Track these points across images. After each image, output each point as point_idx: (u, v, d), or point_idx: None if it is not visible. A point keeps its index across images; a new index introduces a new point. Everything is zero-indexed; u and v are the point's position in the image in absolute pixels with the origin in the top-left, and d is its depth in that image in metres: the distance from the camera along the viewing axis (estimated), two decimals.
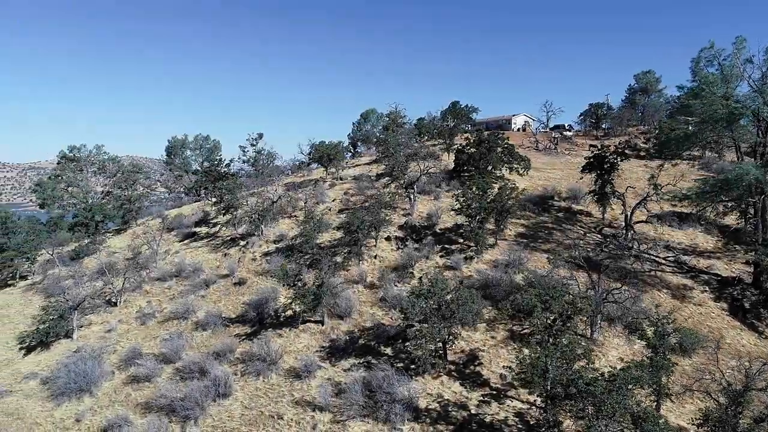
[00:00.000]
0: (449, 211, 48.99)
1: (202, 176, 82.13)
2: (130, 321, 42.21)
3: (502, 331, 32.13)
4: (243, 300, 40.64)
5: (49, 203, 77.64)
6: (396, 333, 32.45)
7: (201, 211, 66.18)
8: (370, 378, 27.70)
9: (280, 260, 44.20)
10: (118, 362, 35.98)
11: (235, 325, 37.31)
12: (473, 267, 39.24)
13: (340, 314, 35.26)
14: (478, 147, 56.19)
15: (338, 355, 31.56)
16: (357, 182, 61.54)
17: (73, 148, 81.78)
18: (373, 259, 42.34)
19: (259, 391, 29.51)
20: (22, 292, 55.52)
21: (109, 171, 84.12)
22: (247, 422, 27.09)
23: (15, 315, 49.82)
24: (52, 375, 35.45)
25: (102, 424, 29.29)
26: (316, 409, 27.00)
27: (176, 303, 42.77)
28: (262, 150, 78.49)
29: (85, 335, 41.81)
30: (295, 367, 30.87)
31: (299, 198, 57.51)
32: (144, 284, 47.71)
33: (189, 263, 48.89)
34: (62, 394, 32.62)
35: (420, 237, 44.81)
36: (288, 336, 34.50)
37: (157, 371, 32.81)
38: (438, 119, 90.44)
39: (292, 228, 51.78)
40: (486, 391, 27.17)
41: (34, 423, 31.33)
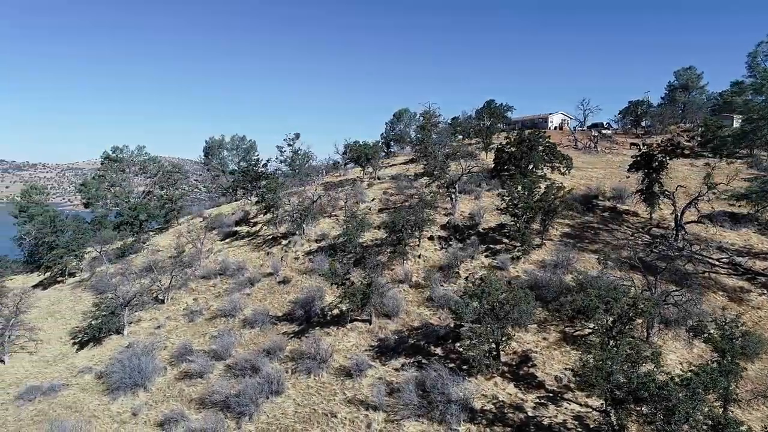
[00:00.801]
0: (492, 211, 48.53)
1: (239, 176, 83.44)
2: (178, 318, 43.02)
3: (554, 332, 31.59)
4: (288, 298, 41.00)
5: (93, 203, 79.85)
6: (445, 333, 32.23)
7: (241, 211, 67.08)
8: (423, 378, 27.57)
9: (323, 259, 44.46)
10: (169, 358, 36.71)
11: (283, 323, 37.64)
12: (520, 267, 38.73)
13: (388, 313, 35.21)
14: (518, 146, 55.47)
15: (388, 354, 31.51)
16: (395, 182, 61.49)
17: (116, 149, 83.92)
18: (417, 259, 42.19)
19: (310, 389, 29.68)
20: (72, 288, 57.20)
21: (150, 171, 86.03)
22: (300, 419, 27.27)
23: (66, 311, 51.37)
24: (107, 370, 36.42)
25: (158, 419, 29.93)
26: (369, 408, 27.00)
27: (222, 301, 43.44)
28: (298, 150, 79.09)
29: (135, 331, 42.80)
30: (345, 366, 30.96)
31: (339, 197, 57.70)
32: (189, 282, 48.59)
33: (233, 262, 49.60)
34: (118, 388, 33.45)
35: (463, 237, 44.45)
36: (336, 335, 34.62)
37: (209, 368, 33.33)
38: (472, 118, 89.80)
39: (333, 227, 52.04)
40: (542, 393, 26.74)
41: (92, 416, 32.19)
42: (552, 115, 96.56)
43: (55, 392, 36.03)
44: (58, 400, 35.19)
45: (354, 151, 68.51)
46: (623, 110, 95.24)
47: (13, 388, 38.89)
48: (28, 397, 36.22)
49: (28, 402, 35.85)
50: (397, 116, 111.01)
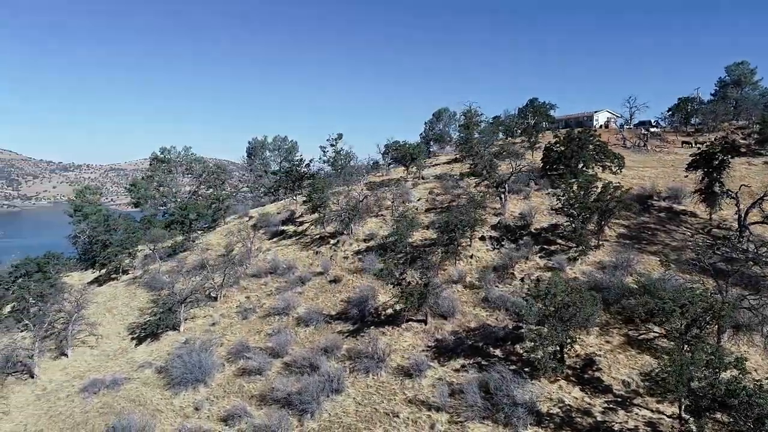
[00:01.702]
0: (543, 211, 47.75)
1: (282, 176, 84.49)
2: (232, 315, 43.78)
3: (617, 335, 30.79)
4: (341, 297, 41.23)
5: (143, 202, 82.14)
6: (505, 335, 31.79)
7: (286, 210, 67.87)
8: (485, 379, 27.26)
9: (373, 259, 44.55)
10: (226, 355, 37.36)
11: (337, 322, 37.85)
12: (578, 268, 37.95)
13: (443, 314, 35.00)
14: (568, 145, 54.43)
15: (446, 355, 31.31)
16: (441, 182, 61.16)
17: (164, 150, 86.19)
18: (469, 259, 41.84)
19: (370, 389, 29.73)
20: (126, 285, 58.91)
21: (195, 171, 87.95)
22: (362, 419, 27.33)
23: (122, 307, 52.94)
24: (167, 365, 37.33)
25: (221, 414, 30.49)
26: (431, 408, 26.87)
27: (274, 299, 44.01)
28: (341, 150, 79.54)
29: (191, 328, 43.77)
30: (403, 366, 30.91)
31: (385, 197, 57.73)
32: (240, 280, 49.39)
33: (282, 261, 50.21)
34: (179, 383, 34.22)
35: (515, 237, 43.83)
36: (391, 334, 34.60)
37: (267, 365, 33.76)
38: (515, 117, 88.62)
39: (381, 227, 52.10)
40: (609, 397, 26.08)
41: (156, 410, 33.05)
42: (597, 113, 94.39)
43: (118, 386, 37.18)
44: (121, 394, 36.29)
45: (398, 151, 68.44)
46: (672, 107, 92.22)
47: (77, 380, 40.35)
48: (93, 389, 37.49)
49: (92, 394, 37.11)
50: (436, 116, 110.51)
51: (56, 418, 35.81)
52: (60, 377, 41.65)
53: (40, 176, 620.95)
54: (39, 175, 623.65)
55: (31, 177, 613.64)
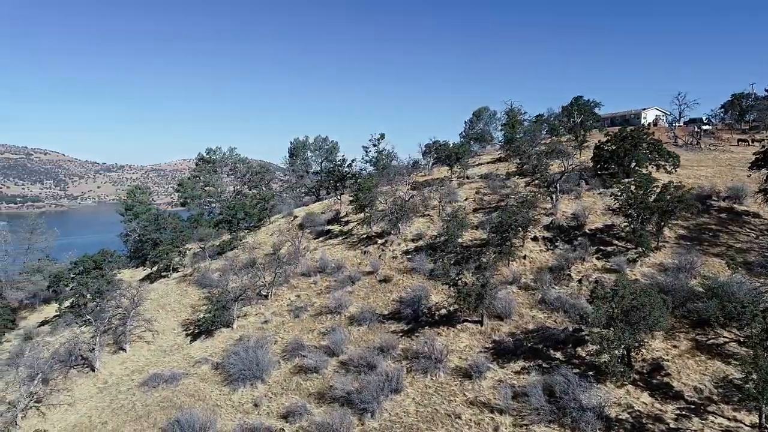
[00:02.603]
0: (596, 211, 46.71)
1: (324, 176, 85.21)
2: (283, 313, 44.29)
3: (684, 340, 29.75)
4: (392, 297, 41.20)
5: (189, 201, 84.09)
6: (565, 337, 31.14)
7: (330, 210, 68.35)
8: (550, 382, 26.74)
9: (423, 259, 44.41)
10: (281, 352, 37.81)
11: (390, 322, 37.83)
12: (638, 270, 36.88)
13: (499, 315, 34.56)
14: (620, 143, 53.07)
15: (505, 356, 30.88)
16: (487, 181, 60.49)
17: (210, 150, 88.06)
18: (522, 260, 41.20)
19: (429, 389, 29.57)
20: (177, 283, 60.36)
21: (239, 171, 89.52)
22: (423, 419, 27.20)
23: (174, 304, 54.27)
24: (223, 361, 38.02)
25: (280, 411, 30.83)
26: (494, 411, 26.52)
27: (324, 298, 44.35)
28: (383, 150, 79.65)
29: (243, 325, 44.51)
30: (461, 367, 30.66)
31: (431, 197, 57.48)
32: (290, 279, 49.94)
33: (331, 260, 50.52)
34: (237, 379, 34.80)
35: (569, 237, 42.94)
36: (447, 335, 34.36)
37: (323, 363, 33.97)
38: (559, 116, 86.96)
39: (429, 227, 51.88)
40: (681, 404, 25.19)
41: (215, 405, 33.69)
42: (646, 111, 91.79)
43: (177, 381, 38.09)
44: (180, 389, 37.17)
45: (442, 150, 68.08)
46: (725, 104, 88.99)
47: (136, 374, 41.57)
48: (152, 384, 38.53)
49: (152, 389, 38.13)
50: (476, 115, 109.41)
51: (119, 410, 36.94)
52: (119, 371, 42.98)
53: (85, 176, 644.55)
54: (84, 175, 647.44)
55: (77, 177, 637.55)
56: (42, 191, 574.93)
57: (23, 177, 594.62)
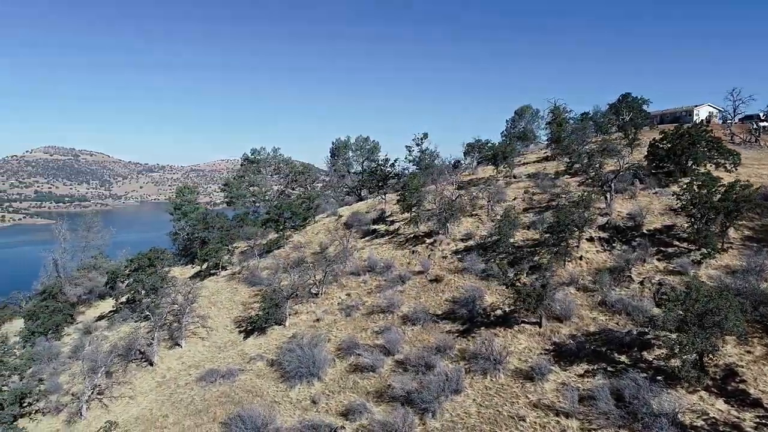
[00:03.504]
0: (654, 211, 45.35)
1: (366, 176, 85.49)
2: (335, 312, 44.59)
3: (759, 345, 28.49)
4: (444, 297, 40.97)
5: (235, 201, 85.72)
6: (630, 340, 30.30)
7: (375, 210, 68.49)
8: (618, 386, 26.03)
9: (474, 259, 44.01)
10: (335, 350, 38.09)
11: (444, 322, 37.60)
12: (703, 272, 35.56)
13: (558, 316, 33.91)
14: (678, 141, 51.37)
15: (567, 359, 30.25)
16: (535, 180, 59.52)
17: (255, 151, 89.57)
18: (578, 261, 40.32)
19: (489, 390, 29.24)
20: (226, 280, 61.59)
21: (283, 171, 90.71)
22: (486, 420, 26.90)
23: (225, 301, 55.37)
24: (278, 358, 38.55)
25: (339, 408, 31.04)
26: (559, 414, 25.99)
27: (375, 297, 44.47)
28: (426, 149, 79.40)
29: (295, 323, 45.04)
30: (521, 369, 30.21)
31: (479, 196, 56.92)
32: (339, 278, 50.26)
33: (380, 259, 50.61)
34: (293, 376, 35.22)
35: (626, 238, 41.80)
36: (504, 336, 33.92)
37: (379, 362, 34.01)
38: (606, 113, 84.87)
39: (478, 227, 51.40)
40: (760, 412, 24.12)
41: (273, 401, 34.17)
42: (698, 108, 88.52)
43: (234, 376, 38.82)
44: (237, 384, 37.87)
45: (488, 149, 67.34)
46: None
47: (193, 369, 42.58)
48: (210, 379, 39.37)
49: (209, 384, 38.97)
50: (518, 113, 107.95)
51: (178, 404, 37.90)
52: (177, 366, 44.12)
53: (128, 177, 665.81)
54: (128, 175, 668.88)
55: (121, 177, 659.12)
56: (88, 191, 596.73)
57: (71, 177, 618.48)
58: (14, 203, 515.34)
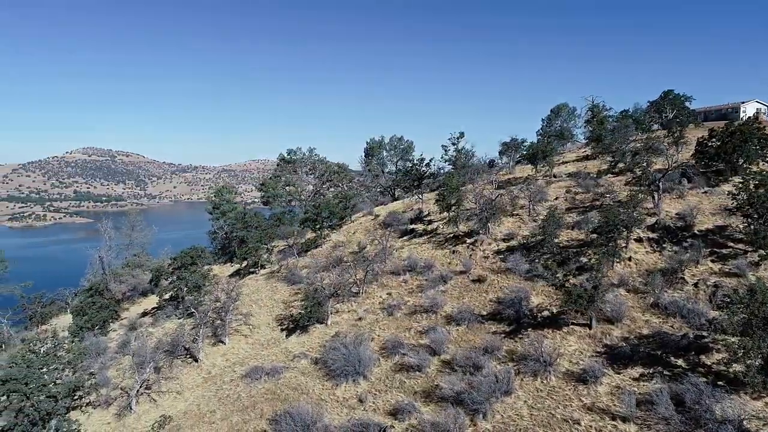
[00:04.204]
0: (704, 211, 44.00)
1: (402, 176, 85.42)
2: (376, 311, 44.63)
3: None
4: (489, 297, 40.56)
5: (272, 200, 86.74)
6: (687, 344, 29.40)
7: (412, 209, 68.34)
8: (677, 390, 25.30)
9: (518, 259, 43.45)
10: (379, 350, 38.08)
11: (490, 323, 37.22)
12: (762, 274, 34.27)
13: (609, 318, 33.16)
14: (728, 139, 49.72)
15: (620, 362, 29.52)
16: (576, 180, 58.45)
17: (291, 151, 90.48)
18: (627, 262, 39.38)
19: (540, 392, 28.78)
20: (265, 279, 62.35)
21: (318, 171, 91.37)
22: (539, 423, 26.47)
23: (266, 299, 56.02)
24: (323, 356, 38.77)
25: (387, 408, 30.99)
26: (616, 418, 25.38)
27: (417, 296, 44.35)
28: (462, 149, 78.87)
29: (337, 322, 45.24)
30: (572, 371, 29.64)
31: (519, 196, 56.22)
32: (379, 277, 50.30)
33: (420, 259, 50.46)
34: (339, 375, 35.33)
35: (677, 239, 40.65)
36: (553, 337, 33.34)
37: (425, 362, 33.85)
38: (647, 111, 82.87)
39: (520, 227, 50.74)
40: None
41: (320, 399, 34.37)
42: (745, 104, 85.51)
43: (278, 374, 39.23)
44: (282, 382, 38.24)
45: (527, 148, 66.47)
46: None
47: (238, 366, 43.21)
48: (255, 376, 39.86)
49: (255, 380, 39.46)
50: (554, 112, 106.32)
51: (225, 400, 38.51)
52: (221, 362, 44.85)
53: (162, 177, 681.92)
54: (162, 176, 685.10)
55: (156, 178, 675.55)
56: (124, 191, 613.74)
57: (108, 177, 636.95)
58: (55, 202, 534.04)
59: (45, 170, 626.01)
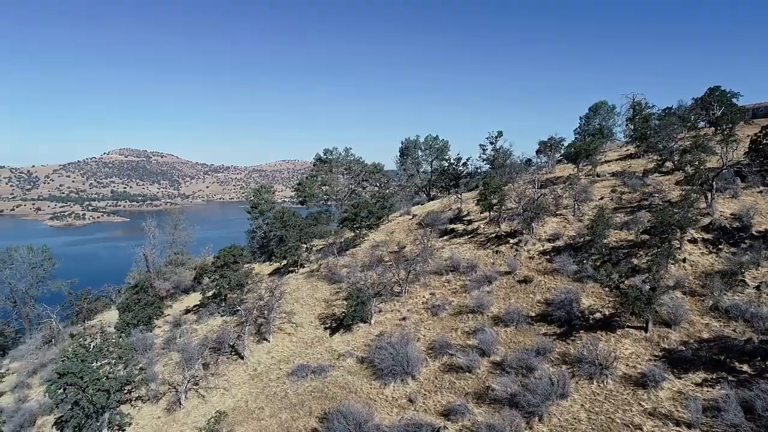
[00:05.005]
0: (762, 211, 42.41)
1: (439, 175, 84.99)
2: (420, 311, 44.46)
3: None
4: (536, 299, 39.95)
5: (308, 200, 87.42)
6: (752, 349, 28.36)
7: (452, 208, 67.90)
8: (746, 397, 24.41)
9: (565, 259, 42.67)
10: (425, 350, 37.92)
11: (539, 324, 36.65)
12: None
13: (666, 321, 32.24)
14: None
15: (681, 366, 28.67)
16: (622, 179, 57.11)
17: (327, 151, 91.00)
18: (682, 263, 38.22)
19: (597, 396, 28.16)
20: (305, 278, 62.79)
21: (354, 171, 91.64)
22: (598, 427, 25.90)
23: (307, 298, 56.39)
24: (369, 356, 38.87)
25: (438, 408, 30.83)
26: (680, 424, 24.64)
27: (462, 297, 44.01)
28: (500, 148, 77.99)
29: (380, 321, 45.24)
30: (630, 375, 28.93)
31: (564, 195, 55.25)
32: (420, 277, 50.09)
33: (462, 259, 50.07)
34: (387, 374, 35.30)
35: (734, 240, 39.28)
36: (607, 340, 32.59)
37: (475, 363, 33.55)
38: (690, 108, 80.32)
39: (565, 227, 49.85)
40: None
41: (369, 398, 34.41)
42: None
43: (325, 372, 39.45)
44: (329, 380, 38.44)
45: (568, 146, 65.29)
46: None
47: (283, 364, 43.61)
48: (301, 374, 40.18)
49: (301, 378, 39.78)
50: (593, 109, 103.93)
51: (272, 397, 38.93)
52: (266, 360, 45.33)
53: (195, 177, 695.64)
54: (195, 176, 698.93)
55: (189, 178, 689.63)
56: (159, 191, 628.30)
57: (143, 177, 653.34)
58: (93, 202, 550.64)
59: (84, 171, 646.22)
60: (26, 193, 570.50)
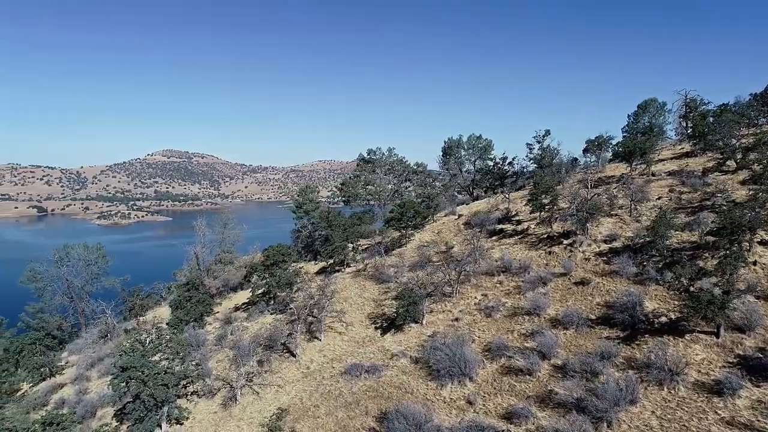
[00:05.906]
0: None
1: (484, 174, 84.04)
2: (473, 312, 43.97)
3: None
4: (595, 301, 38.93)
5: (352, 200, 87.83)
6: None
7: (500, 208, 67.00)
8: None
9: (625, 261, 41.44)
10: (481, 351, 37.47)
11: (600, 327, 35.68)
12: None
13: (738, 326, 30.85)
14: None
15: (759, 374, 27.32)
16: (680, 178, 55.11)
17: (370, 151, 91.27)
18: (752, 266, 36.55)
19: (669, 403, 27.16)
20: (352, 277, 63.05)
21: (397, 171, 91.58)
22: None
23: (355, 297, 56.59)
24: (423, 356, 38.67)
25: (499, 411, 30.39)
26: None
27: (515, 298, 43.35)
28: (547, 147, 76.53)
29: (432, 322, 44.97)
30: (703, 382, 27.80)
31: (620, 195, 53.73)
32: (471, 277, 49.56)
33: (515, 260, 49.29)
34: (443, 375, 35.02)
35: None
36: (676, 345, 31.41)
37: (535, 366, 32.91)
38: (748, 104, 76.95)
39: (621, 227, 48.45)
40: None
41: (425, 399, 34.21)
42: None
43: (378, 372, 39.44)
44: (383, 380, 38.41)
45: (620, 145, 63.47)
46: None
47: (336, 363, 43.85)
48: (354, 373, 40.27)
49: (355, 377, 39.86)
50: (642, 107, 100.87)
51: (327, 395, 39.16)
52: (318, 358, 45.68)
53: (234, 177, 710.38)
54: (234, 176, 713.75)
55: (228, 178, 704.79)
56: (200, 191, 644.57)
57: (185, 178, 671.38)
58: (137, 202, 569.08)
59: (129, 171, 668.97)
60: (76, 193, 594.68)
